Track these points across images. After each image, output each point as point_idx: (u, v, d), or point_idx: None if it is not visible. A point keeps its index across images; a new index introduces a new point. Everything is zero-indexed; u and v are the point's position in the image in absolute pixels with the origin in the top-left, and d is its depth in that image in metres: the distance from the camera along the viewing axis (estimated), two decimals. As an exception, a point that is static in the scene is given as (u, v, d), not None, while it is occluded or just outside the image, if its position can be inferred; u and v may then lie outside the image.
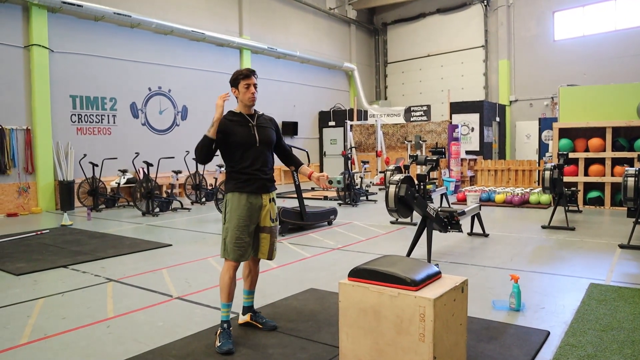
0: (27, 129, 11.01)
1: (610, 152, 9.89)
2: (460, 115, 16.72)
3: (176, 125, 14.30)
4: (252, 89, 3.45)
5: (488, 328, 3.59)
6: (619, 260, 5.63)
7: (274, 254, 3.63)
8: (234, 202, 3.42)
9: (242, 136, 3.42)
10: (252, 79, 3.45)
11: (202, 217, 9.81)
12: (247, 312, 3.73)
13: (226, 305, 3.45)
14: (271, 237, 3.55)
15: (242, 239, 3.39)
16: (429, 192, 8.44)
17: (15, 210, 10.75)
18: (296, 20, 18.72)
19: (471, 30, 19.96)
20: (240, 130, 3.43)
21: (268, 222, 3.53)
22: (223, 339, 3.31)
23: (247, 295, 3.74)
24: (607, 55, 16.81)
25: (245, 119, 3.50)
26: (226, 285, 3.45)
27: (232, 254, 3.40)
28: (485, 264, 5.59)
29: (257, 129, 3.50)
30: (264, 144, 3.51)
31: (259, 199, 3.47)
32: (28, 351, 3.39)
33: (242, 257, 3.42)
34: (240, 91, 3.46)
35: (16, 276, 5.40)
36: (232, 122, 3.44)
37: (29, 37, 11.03)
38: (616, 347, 3.21)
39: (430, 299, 2.41)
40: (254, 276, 3.72)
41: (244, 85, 3.44)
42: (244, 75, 3.45)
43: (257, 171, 3.46)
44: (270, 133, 3.58)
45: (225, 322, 3.41)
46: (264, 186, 3.50)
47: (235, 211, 3.40)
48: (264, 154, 3.51)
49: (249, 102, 3.45)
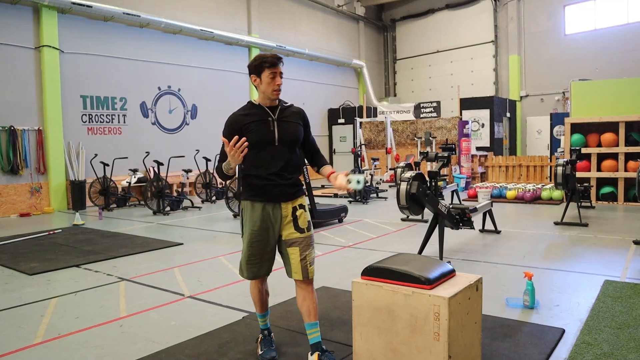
0: (38, 130, 11.09)
1: (624, 147, 9.76)
2: (470, 111, 16.62)
3: (186, 124, 14.34)
4: (278, 80, 2.88)
5: (502, 326, 3.55)
6: (634, 257, 5.56)
7: (311, 272, 2.95)
8: (247, 214, 2.98)
9: (258, 134, 2.87)
10: (278, 67, 2.88)
11: (212, 216, 9.83)
12: (314, 350, 2.93)
13: (261, 315, 3.21)
14: (301, 252, 2.93)
15: (256, 256, 2.96)
16: (440, 189, 8.39)
17: (27, 210, 10.84)
18: (305, 17, 18.69)
19: (481, 26, 19.82)
20: (257, 127, 2.88)
21: (293, 233, 2.94)
22: (265, 346, 3.14)
23: (310, 329, 2.97)
24: (619, 49, 16.61)
25: (265, 112, 2.93)
26: (256, 299, 3.17)
27: (246, 273, 3.02)
28: (497, 261, 5.54)
29: (278, 125, 2.92)
30: (285, 142, 2.93)
31: (277, 209, 2.94)
32: (42, 351, 3.41)
33: (258, 274, 3.03)
34: (263, 81, 2.87)
35: (29, 276, 5.44)
36: (248, 118, 2.91)
37: (39, 38, 11.11)
38: (633, 345, 3.16)
39: (445, 297, 2.39)
40: (311, 304, 2.95)
41: (269, 74, 2.86)
42: (270, 63, 2.85)
43: (274, 176, 2.90)
44: (295, 130, 2.98)
45: (265, 329, 3.23)
46: (283, 193, 2.94)
47: (249, 225, 2.96)
48: (285, 155, 2.93)
49: (273, 95, 2.90)
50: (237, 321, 3.82)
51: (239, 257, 3.13)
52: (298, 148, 3.05)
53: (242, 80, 16.00)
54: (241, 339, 3.46)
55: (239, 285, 4.84)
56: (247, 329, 3.63)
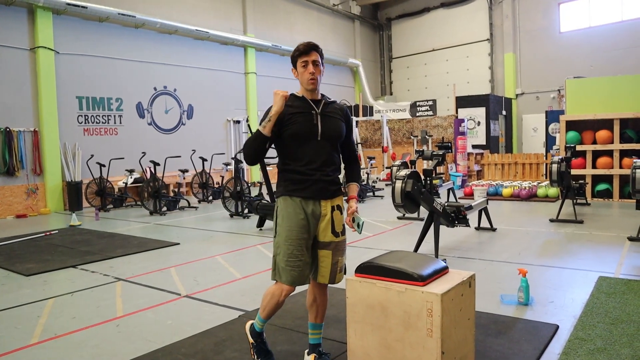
0: (34, 131, 11.07)
1: (618, 144, 9.81)
2: (466, 109, 16.65)
3: (182, 125, 14.33)
4: (310, 68, 2.76)
5: (496, 322, 3.57)
6: (628, 253, 5.60)
7: (339, 278, 2.89)
8: (284, 210, 2.80)
9: (301, 126, 2.75)
10: (311, 54, 2.77)
11: (209, 216, 9.83)
12: (312, 351, 2.95)
13: (264, 320, 2.97)
14: (334, 256, 2.84)
15: (297, 256, 2.74)
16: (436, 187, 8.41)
17: (24, 212, 10.83)
18: (300, 17, 18.70)
19: (476, 24, 19.86)
20: (300, 119, 2.76)
21: (329, 235, 2.82)
22: (260, 356, 2.99)
23: (312, 330, 2.97)
24: (614, 46, 16.67)
25: (309, 105, 2.81)
26: (271, 308, 2.87)
27: (284, 276, 2.77)
28: (493, 258, 5.57)
29: (322, 119, 2.80)
30: (328, 138, 2.81)
31: (317, 206, 2.80)
32: (38, 351, 3.42)
33: (299, 279, 2.78)
34: (298, 71, 2.81)
35: (26, 277, 5.44)
36: (291, 109, 2.78)
37: (34, 39, 11.08)
38: (626, 340, 3.19)
39: (438, 294, 2.41)
40: (321, 306, 2.94)
41: (301, 63, 2.78)
42: (300, 51, 2.78)
43: (316, 171, 2.77)
44: (338, 125, 2.87)
45: (261, 332, 3.05)
46: (324, 190, 2.80)
47: (286, 221, 2.78)
48: (326, 151, 2.81)
49: (308, 85, 2.78)
50: (233, 320, 3.83)
51: (235, 256, 3.14)
52: (339, 146, 2.94)
53: (239, 80, 16.02)
54: (237, 337, 3.47)
55: (236, 285, 4.85)
56: (243, 328, 3.63)
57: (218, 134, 15.33)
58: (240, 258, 6.01)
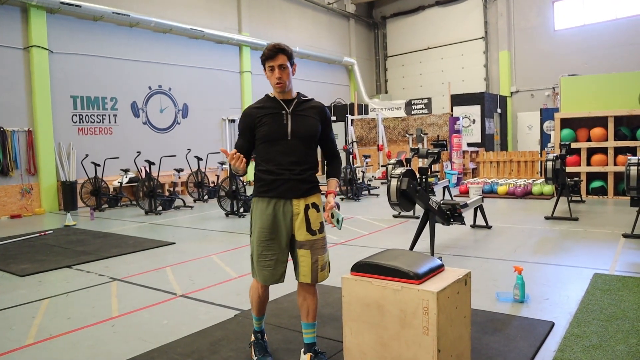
0: (28, 131, 11.02)
1: (613, 142, 9.85)
2: (461, 107, 16.68)
3: (177, 124, 14.29)
4: (276, 73, 2.77)
5: (492, 320, 3.58)
6: (623, 250, 5.62)
7: (321, 277, 2.88)
8: (256, 210, 2.86)
9: (270, 127, 2.79)
10: (277, 59, 2.77)
11: (204, 215, 9.81)
12: (307, 351, 2.94)
13: (257, 318, 3.06)
14: (313, 254, 2.83)
15: (267, 257, 2.82)
16: (431, 185, 8.43)
17: (18, 212, 10.78)
18: (295, 15, 18.68)
19: (471, 22, 19.89)
20: (269, 120, 2.80)
21: (304, 234, 2.82)
22: (259, 352, 3.01)
23: (306, 329, 2.95)
24: (608, 44, 16.73)
25: (279, 105, 2.84)
26: (254, 302, 3.00)
27: (259, 275, 2.87)
28: (488, 255, 5.58)
29: (292, 118, 2.82)
30: (299, 137, 2.82)
31: (288, 205, 2.82)
32: (34, 352, 3.40)
33: (271, 278, 2.85)
34: (267, 74, 2.83)
35: (21, 277, 5.42)
36: (261, 111, 2.83)
37: (28, 38, 11.03)
38: (621, 337, 3.20)
39: (434, 292, 2.41)
40: (311, 305, 2.92)
41: (268, 68, 2.81)
42: (266, 56, 2.79)
43: (285, 170, 2.80)
44: (311, 124, 2.87)
45: (258, 332, 3.10)
46: (294, 189, 2.82)
47: (257, 221, 2.85)
48: (298, 150, 2.82)
49: (275, 88, 2.82)
50: (229, 319, 3.83)
51: (231, 256, 3.13)
52: (314, 144, 2.94)
53: (233, 79, 15.99)
54: (233, 337, 3.47)
55: (231, 284, 4.85)
56: (239, 327, 3.64)
57: (213, 133, 15.30)
58: (236, 257, 6.00)
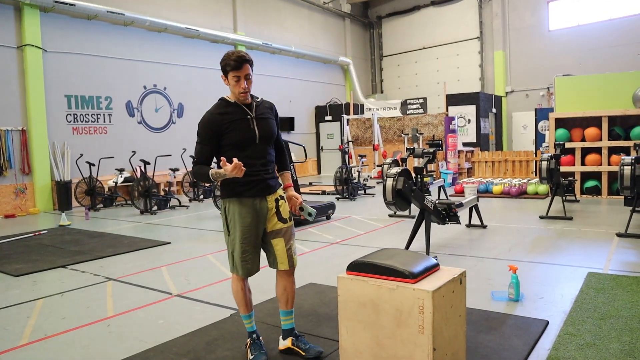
0: (22, 130, 10.97)
1: (607, 141, 9.89)
2: (456, 107, 16.72)
3: (172, 123, 14.26)
4: (242, 84, 2.84)
5: (487, 319, 3.60)
6: (617, 249, 5.65)
7: (295, 260, 3.07)
8: (235, 210, 2.94)
9: (240, 134, 2.88)
10: (243, 69, 2.83)
11: (200, 215, 9.80)
12: (287, 336, 3.13)
13: (247, 316, 3.11)
14: (286, 241, 3.02)
15: (249, 252, 2.96)
16: (427, 185, 8.45)
17: (12, 212, 10.73)
18: (291, 15, 18.66)
19: (466, 22, 19.93)
20: (238, 126, 2.88)
21: (278, 224, 3.01)
22: (255, 351, 3.03)
23: (284, 316, 3.13)
24: (602, 44, 16.81)
25: (243, 110, 2.92)
26: (240, 298, 3.07)
27: (241, 270, 2.98)
28: (483, 255, 5.60)
29: (257, 122, 2.93)
30: (265, 140, 2.98)
31: (264, 202, 2.98)
32: (28, 352, 3.39)
33: (252, 270, 3.01)
34: (230, 83, 2.88)
35: (15, 277, 5.39)
36: (226, 117, 2.88)
37: (21, 37, 10.97)
38: (614, 335, 3.22)
39: (429, 291, 2.42)
40: (290, 293, 3.09)
41: (233, 78, 2.85)
42: (232, 67, 2.83)
43: (259, 171, 2.94)
44: (272, 126, 3.02)
45: (253, 332, 3.12)
46: (268, 187, 2.99)
47: (239, 220, 2.93)
48: (265, 151, 2.98)
49: (239, 97, 2.90)
50: (225, 319, 3.83)
51: (226, 255, 3.13)
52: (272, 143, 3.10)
53: (229, 78, 15.92)
54: (229, 336, 3.47)
55: (227, 283, 4.84)
56: (234, 326, 3.64)
57: (209, 133, 15.24)
58: (232, 257, 5.99)
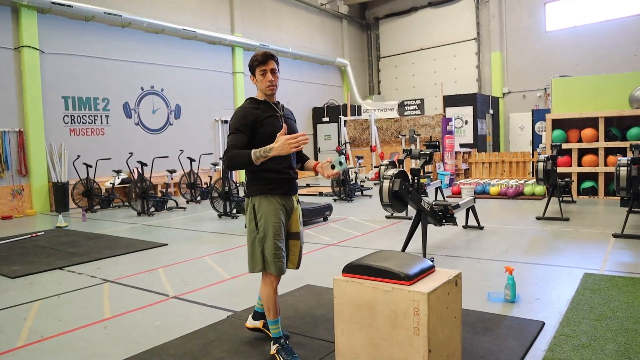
0: (19, 131, 10.95)
1: (603, 142, 9.93)
2: (453, 108, 16.75)
3: (170, 125, 14.25)
4: (269, 76, 3.02)
5: (483, 320, 3.61)
6: (613, 250, 5.67)
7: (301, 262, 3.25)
8: (266, 207, 2.99)
9: (275, 128, 2.96)
10: (268, 64, 3.02)
11: (197, 216, 9.80)
12: (259, 318, 3.40)
13: (276, 321, 3.07)
14: (301, 243, 3.20)
15: (281, 249, 3.00)
16: (424, 186, 8.46)
17: (9, 213, 10.71)
18: (288, 16, 18.68)
19: (463, 23, 19.98)
20: (270, 121, 3.00)
21: (298, 226, 3.15)
22: (288, 356, 2.98)
23: (261, 300, 3.31)
24: (599, 45, 16.87)
25: (273, 108, 3.07)
26: (273, 302, 3.05)
27: (274, 267, 2.98)
28: (480, 256, 5.61)
29: (285, 122, 3.06)
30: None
31: (291, 201, 3.10)
32: (25, 354, 3.39)
33: (284, 268, 3.02)
34: (257, 79, 3.05)
35: (12, 279, 5.38)
36: (260, 112, 3.01)
37: (19, 38, 10.96)
38: (610, 336, 3.23)
39: (424, 293, 2.43)
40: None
41: (260, 72, 3.02)
42: (259, 61, 3.01)
43: (288, 169, 3.07)
44: (295, 127, 3.18)
45: (280, 337, 3.08)
46: (294, 187, 3.13)
47: (271, 217, 2.98)
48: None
49: (267, 91, 3.03)
50: (222, 320, 3.83)
51: (223, 257, 3.14)
52: None
53: (226, 80, 15.96)
54: (226, 338, 3.47)
55: (224, 285, 4.85)
56: (231, 328, 3.64)
57: (206, 134, 15.28)
58: (229, 258, 6.00)
